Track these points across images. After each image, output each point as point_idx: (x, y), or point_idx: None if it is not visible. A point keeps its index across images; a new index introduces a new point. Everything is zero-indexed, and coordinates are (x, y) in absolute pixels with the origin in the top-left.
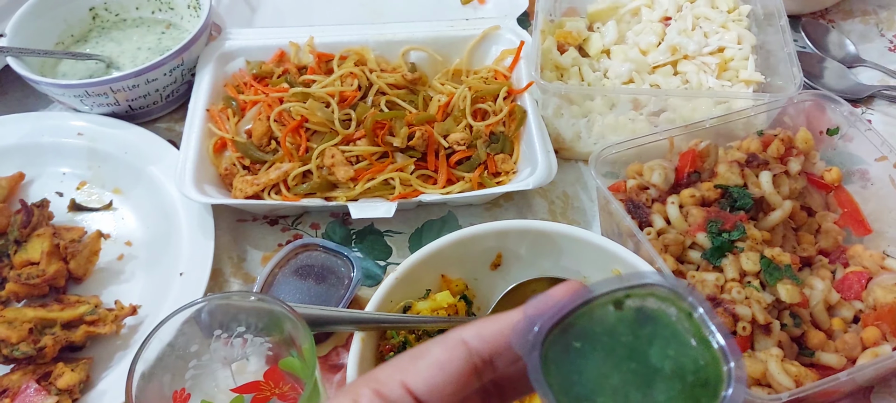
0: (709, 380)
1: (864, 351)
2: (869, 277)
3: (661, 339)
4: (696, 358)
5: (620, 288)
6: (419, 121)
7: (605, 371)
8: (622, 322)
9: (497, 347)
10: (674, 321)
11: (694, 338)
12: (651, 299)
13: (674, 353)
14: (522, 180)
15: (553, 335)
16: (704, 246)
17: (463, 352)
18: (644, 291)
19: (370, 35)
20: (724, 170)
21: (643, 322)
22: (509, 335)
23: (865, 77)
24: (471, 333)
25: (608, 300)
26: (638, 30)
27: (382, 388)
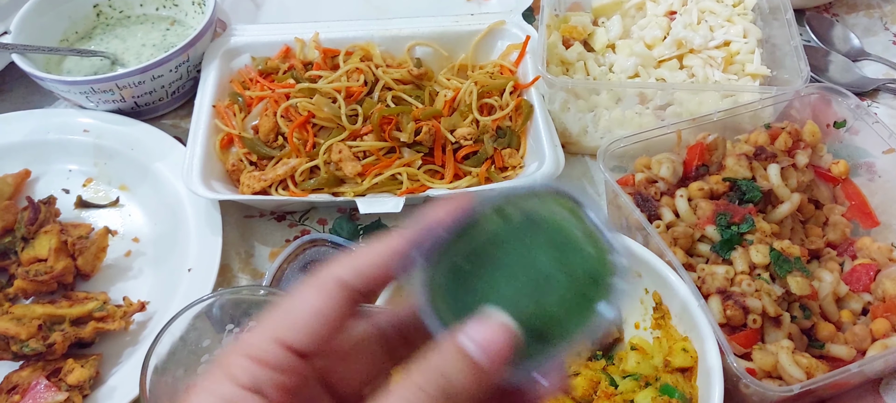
0: (597, 275)
1: (873, 343)
2: (877, 269)
3: (549, 243)
4: (584, 256)
5: (502, 197)
6: (426, 116)
7: (495, 285)
8: (508, 231)
9: (376, 279)
10: (559, 221)
11: (580, 235)
12: (534, 202)
13: (562, 255)
14: (530, 174)
15: (437, 256)
16: (714, 238)
17: (339, 293)
18: (526, 196)
19: (375, 30)
20: (733, 163)
21: (529, 227)
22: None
23: (870, 70)
24: (345, 270)
25: (491, 211)
26: (643, 24)
27: (256, 352)
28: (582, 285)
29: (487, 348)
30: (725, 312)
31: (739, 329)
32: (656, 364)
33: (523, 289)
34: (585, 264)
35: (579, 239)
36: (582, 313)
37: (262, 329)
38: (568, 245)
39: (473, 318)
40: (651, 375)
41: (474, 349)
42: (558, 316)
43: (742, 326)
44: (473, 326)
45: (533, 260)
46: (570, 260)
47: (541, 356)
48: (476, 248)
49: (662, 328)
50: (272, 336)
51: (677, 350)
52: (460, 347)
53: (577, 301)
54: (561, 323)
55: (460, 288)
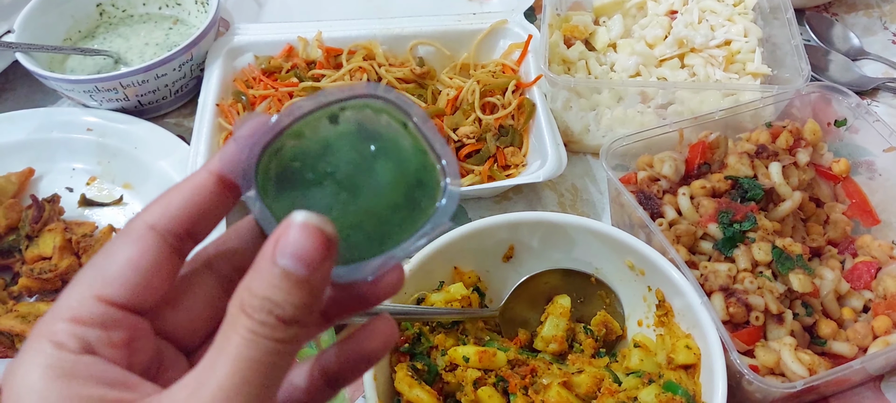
0: (425, 182)
1: (874, 340)
2: (878, 267)
3: (380, 148)
4: (413, 161)
5: (334, 101)
6: (428, 114)
7: (327, 189)
8: (341, 136)
9: (191, 216)
10: (391, 130)
11: (411, 146)
12: (367, 111)
13: (393, 162)
14: (532, 173)
15: (268, 157)
16: (716, 236)
17: (153, 240)
18: (359, 103)
19: (378, 30)
20: (735, 162)
21: (361, 134)
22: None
23: (870, 69)
24: (155, 215)
25: (323, 115)
26: (644, 23)
27: (79, 312)
28: (412, 188)
29: (303, 257)
30: (728, 309)
31: (742, 326)
32: (659, 361)
33: (354, 192)
34: (414, 169)
35: (408, 146)
36: (412, 214)
37: (79, 287)
38: (398, 151)
39: (286, 226)
40: (654, 372)
41: (291, 263)
42: (390, 217)
43: (745, 323)
44: (284, 238)
45: (364, 164)
46: (400, 164)
47: (374, 256)
48: (306, 150)
49: (666, 325)
50: (90, 294)
51: (680, 348)
52: (277, 265)
53: (408, 203)
54: (393, 224)
55: (292, 190)
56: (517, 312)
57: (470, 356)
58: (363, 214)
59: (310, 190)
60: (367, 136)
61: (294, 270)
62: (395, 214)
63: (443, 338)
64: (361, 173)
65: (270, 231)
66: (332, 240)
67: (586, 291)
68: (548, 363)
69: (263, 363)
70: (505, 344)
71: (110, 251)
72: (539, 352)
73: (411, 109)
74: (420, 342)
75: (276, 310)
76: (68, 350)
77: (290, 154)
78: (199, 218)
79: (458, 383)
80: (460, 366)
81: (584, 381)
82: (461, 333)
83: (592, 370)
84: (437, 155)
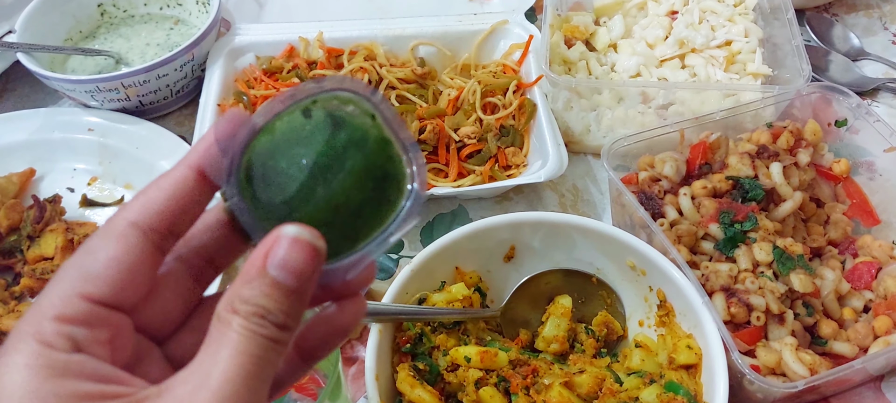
0: (392, 174)
1: (875, 340)
2: (878, 267)
3: (352, 142)
4: (381, 157)
5: (306, 96)
6: (430, 115)
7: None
8: (313, 130)
9: (172, 213)
10: (358, 122)
11: (378, 137)
12: (335, 103)
13: (362, 154)
14: (533, 173)
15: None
16: (717, 236)
17: (136, 237)
18: (328, 96)
19: (379, 30)
20: (736, 162)
21: (333, 126)
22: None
23: (870, 70)
24: (137, 212)
25: (296, 109)
26: (644, 24)
27: (64, 311)
28: (379, 181)
29: (295, 270)
30: (729, 309)
31: (743, 326)
32: (661, 361)
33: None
34: (381, 161)
35: (376, 138)
36: (381, 208)
37: (62, 286)
38: (365, 143)
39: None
40: (656, 372)
41: (282, 275)
42: (361, 211)
43: (746, 323)
44: (276, 250)
45: (335, 157)
46: (368, 156)
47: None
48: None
49: (667, 325)
50: (74, 292)
51: (682, 348)
52: (269, 276)
53: (376, 197)
54: (364, 219)
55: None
56: (518, 312)
57: (471, 356)
58: (336, 210)
59: (285, 186)
60: (337, 128)
61: (285, 282)
62: (365, 208)
63: (444, 339)
64: (333, 167)
65: (256, 237)
66: (322, 253)
67: (587, 291)
68: (549, 363)
69: (261, 357)
70: (506, 345)
71: (92, 248)
72: (540, 352)
73: (377, 100)
74: (422, 342)
75: (269, 317)
76: (59, 350)
77: (265, 150)
78: (180, 214)
79: (460, 383)
80: (462, 366)
81: (585, 381)
82: (463, 333)
83: (594, 370)
84: (404, 146)
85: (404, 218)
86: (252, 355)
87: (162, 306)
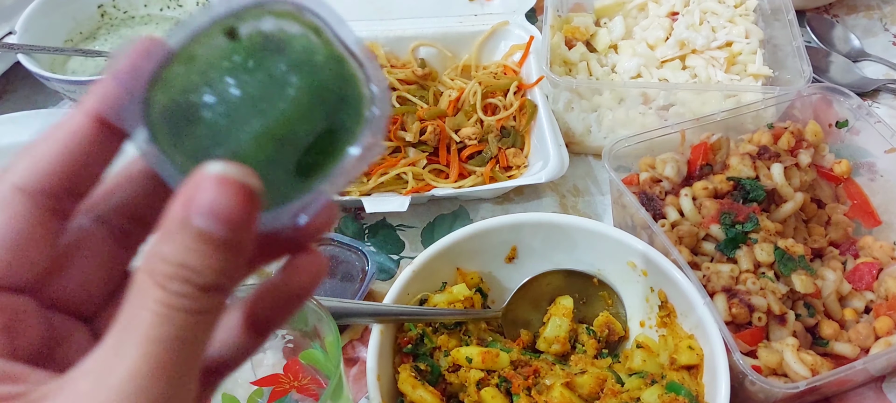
0: (349, 97)
1: (876, 341)
2: (879, 268)
3: (292, 66)
4: (333, 78)
5: (229, 12)
6: (430, 116)
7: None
8: (242, 53)
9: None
10: (301, 40)
11: (326, 55)
12: (268, 19)
13: (308, 77)
14: (534, 174)
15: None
16: (718, 237)
17: (23, 204)
18: (257, 12)
19: (379, 31)
20: (736, 163)
21: (267, 47)
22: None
23: (870, 71)
24: (22, 174)
25: (217, 30)
26: (645, 25)
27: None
28: (333, 107)
29: (223, 215)
30: (731, 310)
31: (744, 327)
32: (662, 361)
33: (266, 121)
34: (334, 83)
35: (324, 57)
36: (337, 138)
37: None
38: (312, 63)
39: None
40: (657, 373)
41: (208, 223)
42: (312, 145)
43: (747, 324)
44: (199, 194)
45: (274, 85)
46: (316, 79)
47: (300, 193)
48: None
49: (668, 326)
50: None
51: (683, 348)
52: (192, 227)
53: (331, 126)
54: (316, 153)
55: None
56: (520, 313)
57: (473, 357)
58: (280, 146)
59: (211, 125)
60: (273, 50)
61: (213, 231)
62: (317, 141)
63: (446, 339)
64: (272, 97)
65: (175, 184)
66: (256, 193)
67: (589, 292)
68: (550, 364)
69: (182, 339)
70: (507, 345)
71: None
72: (542, 353)
73: (321, 9)
74: (423, 343)
75: (194, 278)
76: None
77: (182, 83)
78: (79, 170)
79: (461, 384)
80: (463, 367)
81: (586, 382)
82: (464, 334)
83: (595, 371)
84: (358, 61)
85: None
86: (169, 340)
87: (79, 278)
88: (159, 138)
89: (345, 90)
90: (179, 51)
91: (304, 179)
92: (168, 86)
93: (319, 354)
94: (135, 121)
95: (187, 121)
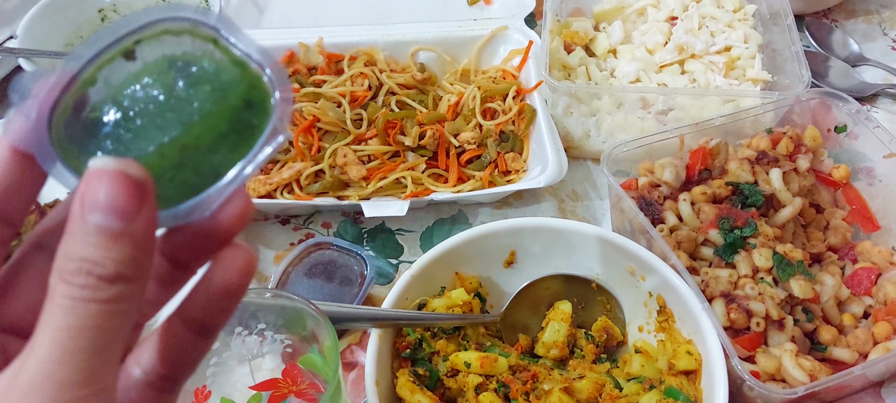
0: (254, 99)
1: (875, 346)
2: (878, 273)
3: (192, 75)
4: (235, 83)
5: (126, 34)
6: (430, 120)
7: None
8: (142, 72)
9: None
10: (199, 51)
11: (226, 62)
12: (167, 37)
13: (209, 85)
14: (533, 178)
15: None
16: (717, 242)
17: None
18: (156, 30)
19: (379, 36)
20: (735, 168)
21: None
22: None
23: (869, 76)
24: None
25: (116, 53)
26: (644, 29)
27: None
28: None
29: (113, 206)
30: (729, 315)
31: (743, 332)
32: (661, 367)
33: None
34: (237, 88)
35: (224, 64)
36: (243, 138)
37: None
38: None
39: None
40: (656, 378)
41: (101, 217)
42: (218, 146)
43: (745, 329)
44: (89, 190)
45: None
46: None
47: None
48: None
49: (667, 331)
50: None
51: (682, 353)
52: (88, 223)
53: (237, 127)
54: (223, 154)
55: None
56: (518, 318)
57: (471, 361)
58: (185, 151)
59: (116, 140)
60: (173, 65)
61: (107, 223)
62: (224, 142)
63: (444, 344)
64: (174, 107)
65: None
66: (142, 181)
67: (587, 297)
68: (549, 368)
69: (89, 328)
70: (506, 350)
71: None
72: (540, 358)
73: (216, 21)
74: (421, 347)
75: (96, 270)
76: None
77: (87, 106)
78: (5, 199)
79: (460, 389)
80: (462, 372)
81: (585, 387)
82: (462, 339)
83: (593, 375)
84: (259, 64)
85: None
86: (76, 328)
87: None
88: (68, 159)
89: (250, 93)
90: (82, 75)
91: (213, 178)
92: (73, 111)
93: (318, 359)
94: (42, 146)
95: (92, 140)
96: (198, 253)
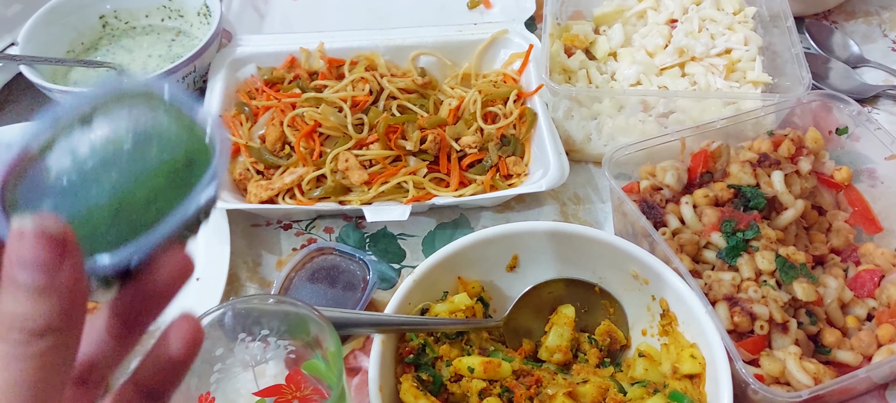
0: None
1: (879, 349)
2: (881, 275)
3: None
4: (184, 142)
5: (83, 102)
6: (431, 124)
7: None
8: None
9: None
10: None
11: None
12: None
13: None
14: (535, 182)
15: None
16: (719, 245)
17: None
18: (110, 98)
19: (380, 40)
20: (737, 170)
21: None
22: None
23: (870, 77)
24: None
25: (73, 121)
26: (644, 32)
27: None
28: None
29: (32, 262)
30: (733, 318)
31: (747, 335)
32: (664, 370)
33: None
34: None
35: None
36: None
37: None
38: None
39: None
40: (659, 382)
41: (24, 275)
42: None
43: (749, 332)
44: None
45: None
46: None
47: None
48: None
49: (670, 334)
50: None
51: (685, 357)
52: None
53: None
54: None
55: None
56: (521, 322)
57: (475, 366)
58: (122, 207)
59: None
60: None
61: (31, 281)
62: (161, 198)
63: (447, 349)
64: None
65: None
66: (61, 235)
67: (590, 301)
68: (552, 373)
69: (23, 383)
70: (509, 355)
71: None
72: (544, 362)
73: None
74: (425, 353)
75: (27, 325)
76: None
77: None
78: None
79: (464, 393)
80: (465, 377)
81: (588, 391)
82: (466, 344)
83: (597, 380)
84: (201, 128)
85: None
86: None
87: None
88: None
89: (190, 154)
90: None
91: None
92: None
93: (321, 364)
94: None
95: (39, 201)
96: (144, 310)
